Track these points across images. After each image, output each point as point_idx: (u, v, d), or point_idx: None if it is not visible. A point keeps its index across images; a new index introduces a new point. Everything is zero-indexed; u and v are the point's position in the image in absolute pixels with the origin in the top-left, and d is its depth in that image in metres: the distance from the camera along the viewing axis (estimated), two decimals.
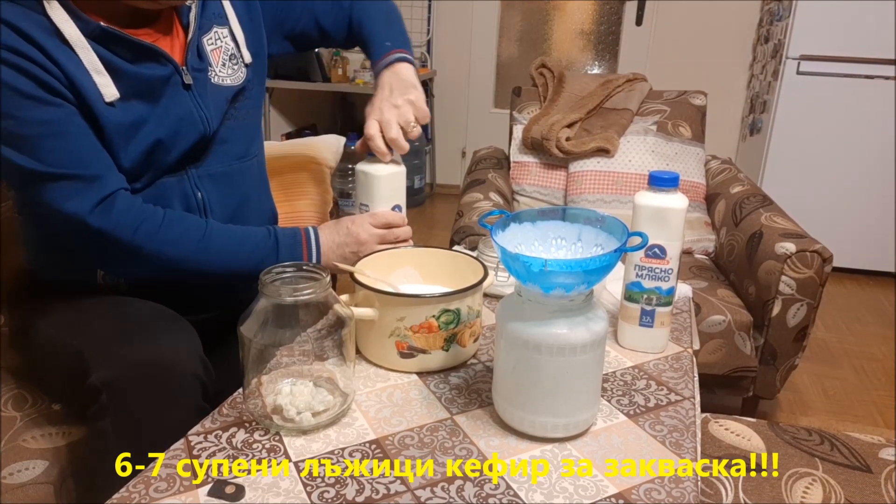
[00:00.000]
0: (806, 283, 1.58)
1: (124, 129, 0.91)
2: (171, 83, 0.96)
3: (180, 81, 0.97)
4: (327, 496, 0.64)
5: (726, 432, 1.00)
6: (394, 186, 1.07)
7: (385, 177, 1.05)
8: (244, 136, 1.08)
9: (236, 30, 1.06)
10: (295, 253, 0.99)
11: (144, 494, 0.63)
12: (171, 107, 0.96)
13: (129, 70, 0.91)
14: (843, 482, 0.90)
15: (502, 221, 0.74)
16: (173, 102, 0.96)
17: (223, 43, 1.04)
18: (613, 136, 2.08)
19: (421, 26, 3.83)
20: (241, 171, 1.07)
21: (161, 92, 0.95)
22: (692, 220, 2.02)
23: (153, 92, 0.94)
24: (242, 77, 1.06)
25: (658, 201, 0.89)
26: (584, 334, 0.69)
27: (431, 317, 0.83)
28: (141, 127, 0.93)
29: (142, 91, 0.93)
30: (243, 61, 1.06)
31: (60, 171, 0.87)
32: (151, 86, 0.94)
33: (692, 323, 1.05)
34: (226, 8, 1.05)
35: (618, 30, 3.65)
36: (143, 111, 0.93)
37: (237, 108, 1.06)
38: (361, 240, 1.01)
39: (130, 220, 0.91)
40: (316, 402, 0.75)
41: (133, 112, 0.92)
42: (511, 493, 0.65)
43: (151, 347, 0.84)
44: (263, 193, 1.18)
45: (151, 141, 0.94)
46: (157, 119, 0.94)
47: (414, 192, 3.88)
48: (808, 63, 2.78)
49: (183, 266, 0.94)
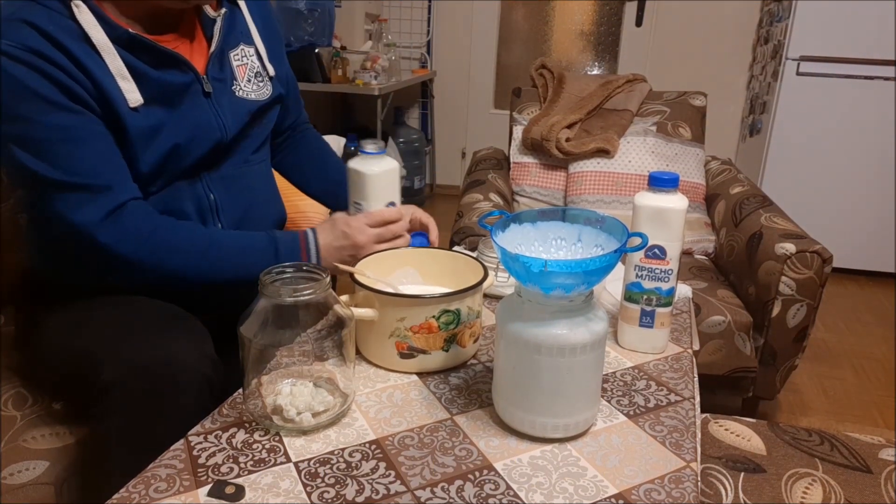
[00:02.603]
0: (806, 284, 1.58)
1: (146, 133, 0.92)
2: (192, 91, 0.97)
3: (200, 89, 0.99)
4: (327, 496, 0.64)
5: (726, 433, 1.00)
6: (387, 183, 1.06)
7: (378, 175, 1.04)
8: (257, 142, 1.10)
9: (260, 47, 1.09)
10: (294, 258, 0.99)
11: (144, 494, 0.63)
12: (189, 113, 0.97)
13: (153, 76, 0.93)
14: (843, 482, 0.90)
15: (502, 222, 0.74)
16: (192, 109, 0.97)
17: (249, 60, 1.07)
18: (613, 137, 2.08)
19: (421, 26, 3.83)
20: (250, 173, 1.09)
21: (181, 98, 0.96)
22: (692, 221, 2.02)
23: (173, 98, 0.95)
24: (269, 92, 1.09)
25: (658, 202, 0.89)
26: (584, 335, 0.69)
27: (431, 317, 0.83)
28: (160, 131, 0.94)
29: (163, 97, 0.94)
30: (268, 75, 1.09)
31: (72, 178, 0.87)
32: (172, 92, 0.95)
33: (692, 323, 1.05)
34: (250, 27, 1.08)
35: (618, 30, 3.65)
36: (164, 116, 0.94)
37: (264, 121, 1.09)
38: (359, 243, 1.01)
39: (137, 233, 0.91)
40: (316, 403, 0.75)
41: (154, 117, 0.93)
42: (511, 493, 0.65)
43: (161, 347, 0.84)
44: (272, 195, 1.18)
45: (170, 146, 0.95)
46: (176, 124, 0.95)
47: (414, 192, 3.88)
48: (808, 64, 2.79)
49: (184, 276, 0.94)
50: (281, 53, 1.15)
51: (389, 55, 3.27)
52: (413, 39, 3.85)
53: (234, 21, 1.05)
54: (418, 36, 3.85)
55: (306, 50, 2.98)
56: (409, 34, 3.84)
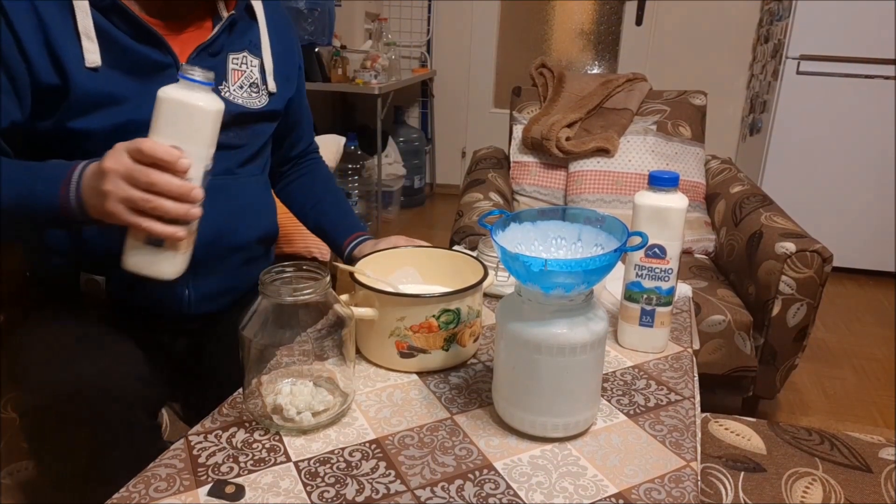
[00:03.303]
0: (806, 283, 1.58)
1: (97, 97, 0.90)
2: (166, 74, 0.95)
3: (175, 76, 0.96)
4: (327, 496, 0.64)
5: (726, 432, 1.00)
6: (189, 118, 0.77)
7: (175, 101, 0.76)
8: (245, 153, 1.06)
9: (267, 62, 1.06)
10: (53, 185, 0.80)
11: (144, 494, 0.63)
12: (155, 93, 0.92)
13: (126, 44, 0.91)
14: (843, 482, 0.90)
15: (502, 221, 0.74)
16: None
17: (248, 69, 1.04)
18: (613, 136, 2.08)
19: (421, 26, 3.83)
20: (235, 185, 1.04)
21: (151, 76, 0.93)
22: (692, 220, 2.02)
23: (143, 73, 0.93)
24: (261, 104, 1.06)
25: (658, 201, 0.89)
26: (584, 334, 0.69)
27: (431, 317, 0.83)
28: (117, 101, 0.91)
29: (131, 67, 0.92)
30: (267, 89, 1.06)
31: None
32: (143, 66, 0.93)
33: (692, 323, 1.05)
34: (262, 40, 1.06)
35: (618, 30, 3.65)
36: (126, 87, 0.92)
37: (248, 131, 1.06)
38: (104, 168, 0.75)
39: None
40: (316, 402, 0.75)
41: (114, 84, 0.91)
42: (511, 493, 0.65)
43: (75, 373, 0.82)
44: (262, 210, 1.13)
45: (123, 119, 0.92)
46: (137, 100, 0.92)
47: (414, 191, 3.88)
48: (808, 63, 2.79)
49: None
50: (293, 77, 1.13)
51: (389, 54, 3.26)
52: (413, 39, 3.85)
53: (246, 29, 1.04)
54: (418, 35, 3.85)
55: (306, 49, 2.98)
56: (409, 33, 3.84)
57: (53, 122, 0.91)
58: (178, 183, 0.74)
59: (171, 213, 0.74)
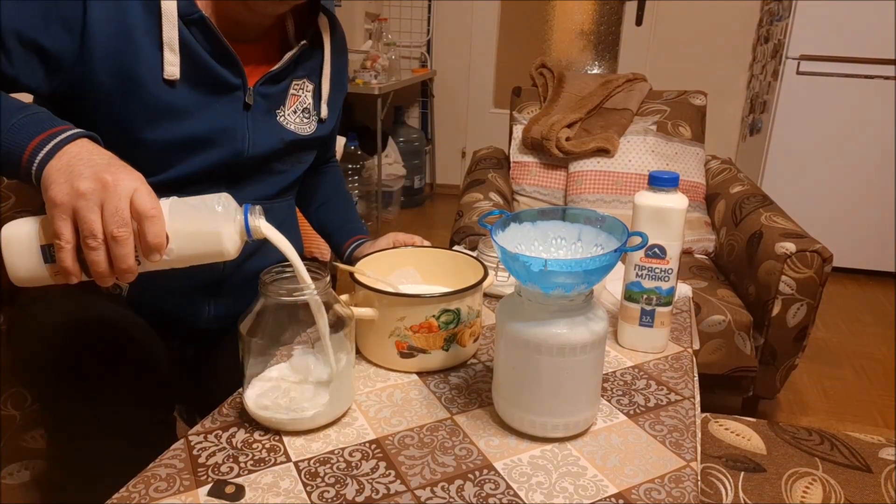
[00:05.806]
0: (806, 283, 1.58)
1: (168, 109, 0.89)
2: (234, 96, 0.94)
3: (242, 97, 0.96)
4: (327, 496, 0.64)
5: (726, 432, 1.00)
6: (203, 238, 0.68)
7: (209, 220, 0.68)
8: (287, 179, 1.06)
9: (325, 89, 1.06)
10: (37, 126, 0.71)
11: (144, 494, 0.63)
12: (221, 112, 0.94)
13: (204, 60, 0.90)
14: (843, 482, 0.90)
15: (502, 221, 0.74)
16: (226, 109, 0.94)
17: (304, 94, 1.04)
18: (613, 136, 2.08)
19: (421, 26, 3.83)
20: (271, 210, 1.01)
21: (218, 95, 0.93)
22: (692, 220, 2.02)
23: (212, 91, 0.93)
24: (311, 130, 1.05)
25: (658, 201, 0.89)
26: (584, 334, 0.69)
27: (431, 317, 0.83)
28: (180, 115, 0.90)
29: (203, 84, 0.91)
30: (318, 116, 1.06)
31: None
32: (215, 85, 0.92)
33: (692, 323, 1.05)
34: (325, 68, 1.05)
35: (618, 30, 3.65)
36: (193, 102, 0.91)
37: (296, 157, 1.06)
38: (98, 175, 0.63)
39: None
40: (314, 402, 0.74)
41: (186, 99, 0.90)
42: (511, 493, 0.65)
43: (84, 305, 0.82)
44: (290, 233, 1.12)
45: (181, 134, 0.91)
46: (203, 116, 0.92)
47: (414, 191, 3.88)
48: (808, 63, 2.79)
49: None
50: (339, 106, 1.13)
51: (389, 54, 3.27)
52: (413, 39, 3.85)
53: (311, 55, 1.03)
54: (418, 35, 3.85)
55: None
56: (409, 34, 3.84)
57: (113, 123, 0.87)
58: (129, 244, 0.63)
59: (100, 261, 0.63)
